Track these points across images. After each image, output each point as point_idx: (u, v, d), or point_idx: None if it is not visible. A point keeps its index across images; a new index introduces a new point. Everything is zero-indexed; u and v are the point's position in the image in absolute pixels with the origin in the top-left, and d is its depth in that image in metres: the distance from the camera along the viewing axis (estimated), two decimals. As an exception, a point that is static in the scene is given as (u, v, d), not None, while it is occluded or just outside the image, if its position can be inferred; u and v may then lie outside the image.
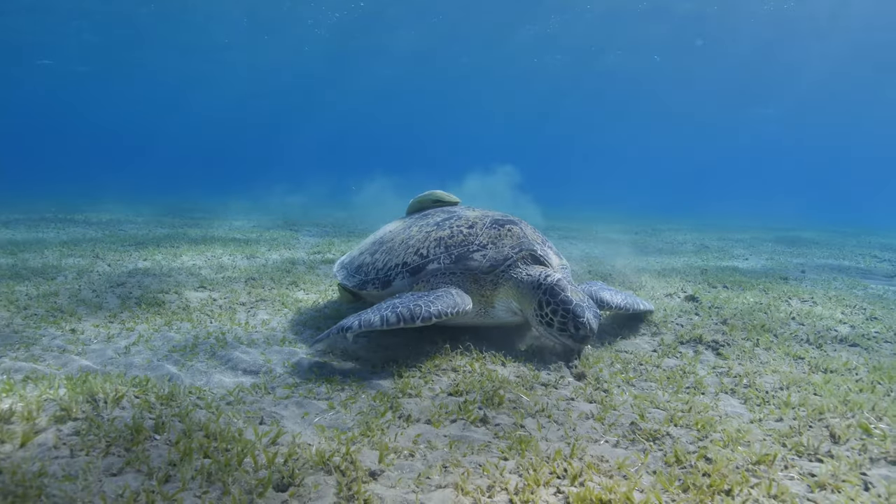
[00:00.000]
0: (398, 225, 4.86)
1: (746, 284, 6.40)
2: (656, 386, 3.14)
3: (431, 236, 4.07)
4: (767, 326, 4.40)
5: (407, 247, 4.13)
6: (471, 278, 3.82)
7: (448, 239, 3.98)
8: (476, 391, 2.86)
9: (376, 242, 4.66)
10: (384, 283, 4.05)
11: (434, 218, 4.50)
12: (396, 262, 4.07)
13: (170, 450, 2.05)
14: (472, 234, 3.98)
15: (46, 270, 6.00)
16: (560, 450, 2.19)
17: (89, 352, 3.49)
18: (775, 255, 10.56)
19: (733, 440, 2.30)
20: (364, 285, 4.17)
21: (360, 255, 4.65)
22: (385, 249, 4.32)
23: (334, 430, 2.39)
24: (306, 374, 3.19)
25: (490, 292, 3.80)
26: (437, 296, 3.51)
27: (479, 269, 3.79)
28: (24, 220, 12.02)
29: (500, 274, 3.79)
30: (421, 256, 3.96)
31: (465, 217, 4.24)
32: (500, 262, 3.79)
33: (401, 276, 3.97)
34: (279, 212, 16.82)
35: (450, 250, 3.90)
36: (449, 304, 3.45)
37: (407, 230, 4.44)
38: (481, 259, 3.81)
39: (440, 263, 3.86)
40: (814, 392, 3.03)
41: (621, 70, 40.53)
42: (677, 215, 28.05)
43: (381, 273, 4.12)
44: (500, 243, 3.90)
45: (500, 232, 3.99)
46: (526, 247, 3.89)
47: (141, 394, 2.59)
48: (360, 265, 4.41)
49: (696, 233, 15.90)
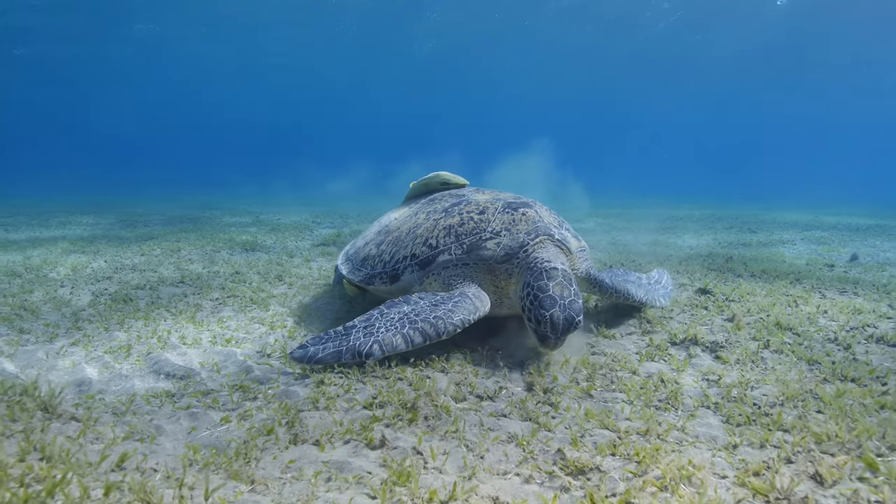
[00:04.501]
0: (404, 212, 4.51)
1: (779, 272, 5.63)
2: (623, 398, 2.64)
3: (440, 224, 3.72)
4: (786, 323, 3.74)
5: (415, 237, 3.79)
6: (484, 269, 3.47)
7: (458, 227, 3.62)
8: (394, 404, 2.46)
9: (381, 232, 4.33)
10: (392, 278, 3.74)
11: (442, 203, 4.14)
12: (404, 254, 3.75)
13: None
14: (483, 220, 3.61)
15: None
16: (436, 490, 1.75)
17: (21, 353, 3.32)
18: (828, 241, 9.48)
19: (676, 479, 1.79)
20: (371, 280, 3.87)
21: (365, 245, 4.34)
22: (392, 240, 4.01)
23: (210, 451, 2.06)
24: (227, 378, 2.88)
25: (505, 283, 3.45)
26: (455, 302, 3.17)
27: (493, 258, 3.43)
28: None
29: (515, 262, 3.40)
30: (430, 247, 3.63)
31: (474, 202, 3.87)
32: (517, 249, 3.40)
33: (410, 270, 3.66)
34: (315, 203, 16.84)
35: (461, 239, 3.55)
36: (470, 310, 3.15)
37: (413, 218, 4.10)
38: (495, 248, 3.44)
39: (451, 254, 3.52)
40: (817, 410, 2.44)
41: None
42: (731, 196, 26.31)
43: (388, 266, 3.81)
44: (514, 229, 3.51)
45: (513, 216, 3.59)
46: (543, 231, 3.49)
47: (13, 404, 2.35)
48: (366, 257, 4.10)
49: (747, 215, 14.69)
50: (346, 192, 24.65)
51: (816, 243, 9.13)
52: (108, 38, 36.25)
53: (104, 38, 36.07)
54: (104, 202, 18.79)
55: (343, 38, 40.01)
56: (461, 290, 3.32)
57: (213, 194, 23.47)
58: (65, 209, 15.09)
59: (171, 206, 16.96)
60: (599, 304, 4.37)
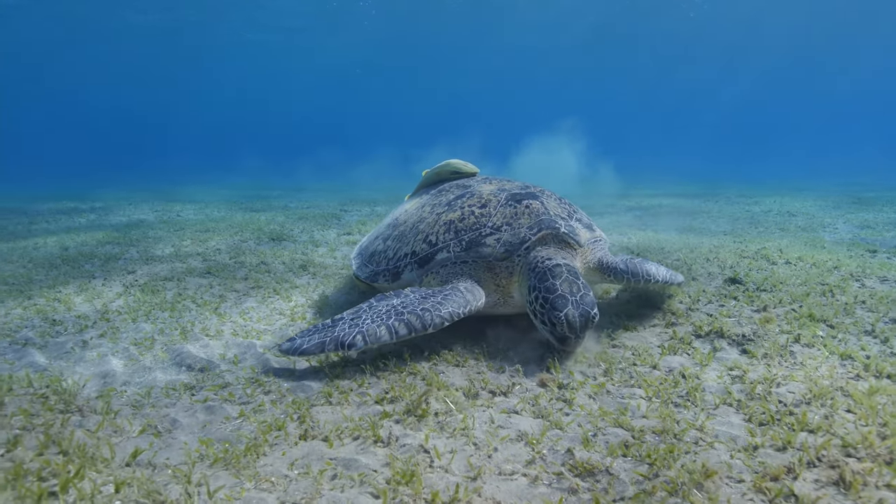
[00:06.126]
0: (414, 203, 4.48)
1: (816, 260, 5.38)
2: (641, 394, 2.56)
3: (441, 219, 3.64)
4: (819, 314, 3.57)
5: (417, 232, 3.73)
6: (484, 266, 3.36)
7: (458, 222, 3.53)
8: (405, 399, 2.45)
9: (390, 225, 4.31)
10: (394, 275, 3.69)
11: (447, 196, 4.08)
12: (406, 251, 3.69)
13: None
14: (484, 214, 3.51)
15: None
16: (438, 491, 1.73)
17: (51, 344, 3.44)
18: (874, 224, 9.02)
19: (687, 483, 1.73)
20: (375, 277, 3.84)
21: (374, 240, 4.33)
22: (397, 235, 3.96)
23: (222, 445, 2.09)
24: (245, 372, 2.93)
25: (506, 280, 3.34)
26: (445, 295, 3.08)
27: (492, 255, 3.31)
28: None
29: (516, 259, 3.30)
30: (430, 244, 3.54)
31: (478, 194, 3.77)
32: (517, 246, 3.29)
33: (409, 268, 3.60)
34: (343, 190, 16.97)
35: (460, 235, 3.45)
36: (460, 304, 3.03)
37: (419, 211, 4.06)
38: (495, 244, 3.33)
39: (450, 252, 3.42)
40: (847, 409, 2.32)
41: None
42: (777, 178, 25.33)
43: (391, 263, 3.76)
44: (516, 223, 3.40)
45: (516, 210, 3.48)
46: (546, 225, 3.36)
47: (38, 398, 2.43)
48: (374, 253, 4.08)
49: (790, 198, 14.11)
50: (372, 177, 24.77)
51: (860, 227, 8.70)
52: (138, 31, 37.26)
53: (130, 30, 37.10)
54: (141, 189, 19.35)
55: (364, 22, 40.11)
56: (453, 285, 3.22)
57: (245, 183, 23.91)
58: (100, 197, 15.60)
59: (204, 193, 17.34)
60: (620, 294, 4.27)
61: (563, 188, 7.19)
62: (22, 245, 7.33)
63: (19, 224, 9.96)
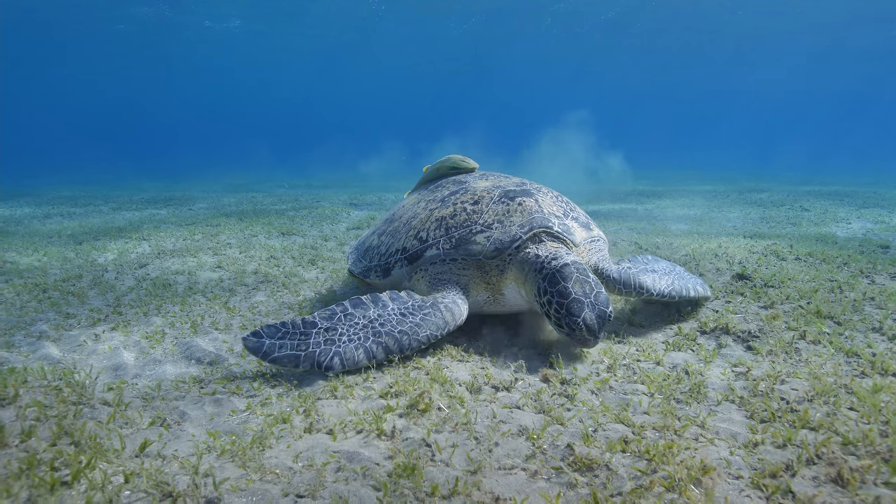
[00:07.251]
0: (412, 199, 4.49)
1: (827, 255, 5.33)
2: (643, 390, 2.57)
3: (433, 216, 3.62)
4: (826, 311, 3.55)
5: (409, 228, 3.71)
6: (474, 264, 3.33)
7: (449, 219, 3.51)
8: (409, 394, 2.48)
9: (387, 221, 4.32)
10: (385, 271, 3.69)
11: (442, 192, 4.07)
12: (397, 248, 3.68)
13: (9, 461, 1.88)
14: (476, 211, 3.48)
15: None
16: (438, 485, 1.76)
17: (65, 337, 3.51)
18: (887, 219, 8.90)
19: (685, 479, 1.74)
20: (367, 273, 3.84)
21: (370, 235, 4.34)
22: (391, 231, 3.96)
23: (230, 437, 2.14)
24: (253, 365, 2.97)
25: (497, 279, 3.30)
26: (425, 315, 2.98)
27: (481, 254, 3.27)
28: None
29: (506, 258, 3.27)
30: (420, 241, 3.53)
31: (472, 190, 3.74)
32: (507, 244, 3.24)
33: (399, 264, 3.58)
34: (353, 184, 17.03)
35: (450, 233, 3.42)
36: (438, 325, 2.95)
37: (415, 207, 4.05)
38: (485, 242, 3.30)
39: (439, 249, 3.39)
40: (850, 407, 2.32)
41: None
42: (785, 171, 25.04)
43: (382, 259, 3.75)
44: (507, 221, 3.36)
45: (508, 207, 3.44)
46: (538, 224, 3.31)
47: (52, 390, 2.49)
48: (368, 248, 4.09)
49: (804, 192, 13.96)
50: (382, 172, 24.82)
51: (873, 222, 8.60)
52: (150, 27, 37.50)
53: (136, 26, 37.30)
54: (150, 187, 19.56)
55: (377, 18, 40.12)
56: (434, 300, 3.12)
57: (255, 178, 24.08)
58: (109, 195, 15.79)
59: (217, 188, 17.48)
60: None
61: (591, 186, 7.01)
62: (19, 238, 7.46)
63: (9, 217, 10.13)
